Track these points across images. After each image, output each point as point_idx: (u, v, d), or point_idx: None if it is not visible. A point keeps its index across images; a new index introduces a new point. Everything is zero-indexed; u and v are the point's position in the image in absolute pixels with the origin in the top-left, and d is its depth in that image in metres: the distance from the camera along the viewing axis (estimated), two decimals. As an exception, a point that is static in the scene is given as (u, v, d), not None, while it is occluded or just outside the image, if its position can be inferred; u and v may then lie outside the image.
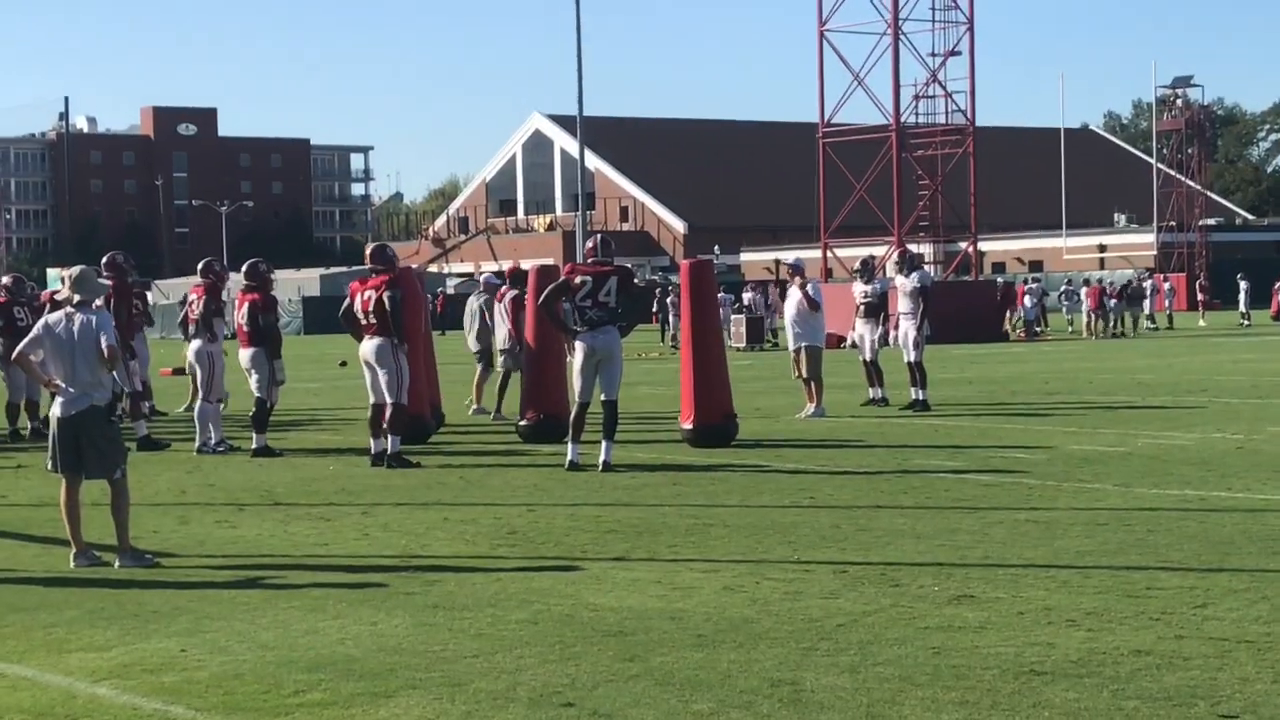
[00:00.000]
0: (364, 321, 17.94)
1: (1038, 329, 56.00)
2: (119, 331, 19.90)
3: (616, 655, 8.47)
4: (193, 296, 20.46)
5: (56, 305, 13.31)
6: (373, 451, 18.00)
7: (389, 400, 17.93)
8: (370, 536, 12.86)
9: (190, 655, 8.76)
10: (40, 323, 12.17)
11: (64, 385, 11.71)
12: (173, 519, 14.07)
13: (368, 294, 17.94)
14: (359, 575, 11.10)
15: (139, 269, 22.51)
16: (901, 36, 57.26)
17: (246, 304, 19.42)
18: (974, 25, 58.17)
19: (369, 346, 17.94)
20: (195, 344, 20.25)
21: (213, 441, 19.77)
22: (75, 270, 12.17)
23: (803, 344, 23.32)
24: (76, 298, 11.90)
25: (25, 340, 12.20)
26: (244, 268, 19.75)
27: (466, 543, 12.42)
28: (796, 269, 24.09)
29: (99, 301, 12.17)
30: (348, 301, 18.30)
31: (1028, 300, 56.37)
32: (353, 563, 11.65)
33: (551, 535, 12.66)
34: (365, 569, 11.35)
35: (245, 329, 19.40)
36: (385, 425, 18.11)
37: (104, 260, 20.87)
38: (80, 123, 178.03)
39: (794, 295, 23.63)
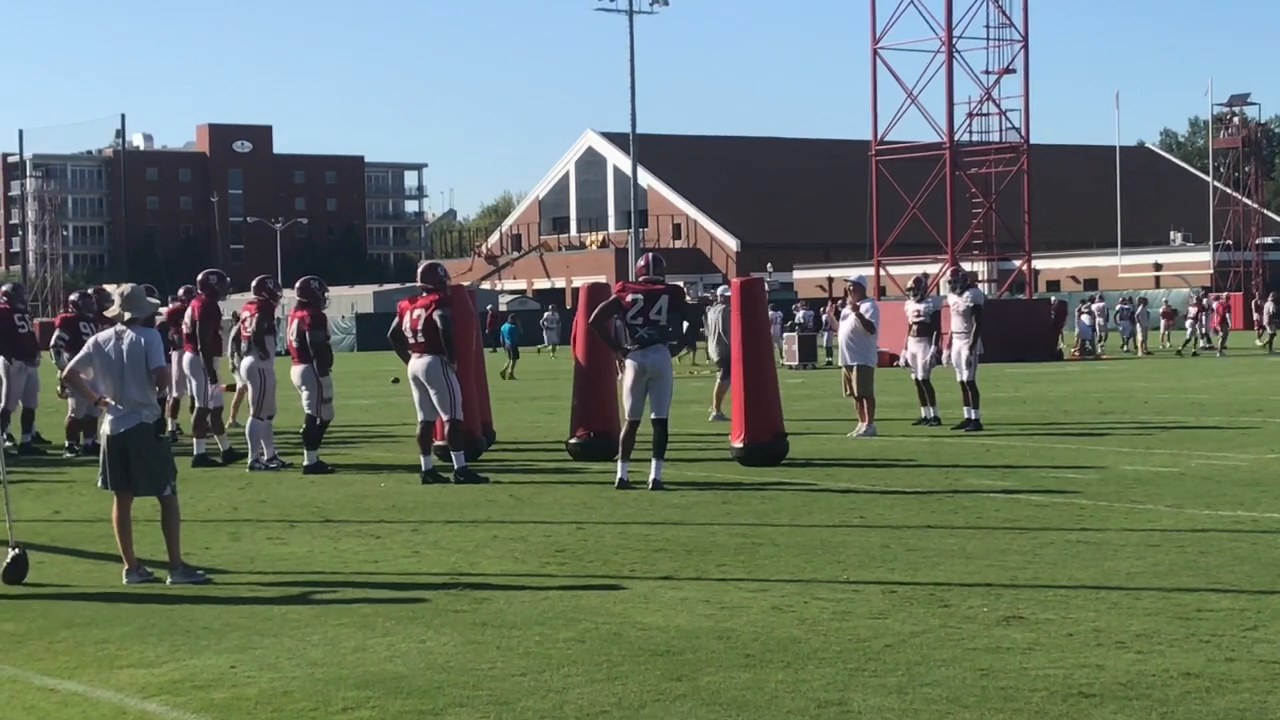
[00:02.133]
0: (413, 340, 17.99)
1: (1090, 348, 55.60)
2: (204, 352, 20.31)
3: (664, 674, 8.47)
4: (245, 314, 20.58)
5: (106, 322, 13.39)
6: (423, 469, 18.05)
7: (444, 417, 17.99)
8: (420, 554, 12.90)
9: (240, 672, 8.81)
10: (90, 340, 12.25)
11: (113, 403, 11.79)
12: (224, 535, 14.15)
13: (417, 313, 17.99)
14: (408, 592, 11.13)
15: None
16: (955, 54, 57.19)
17: (296, 321, 19.54)
18: (1029, 43, 58.14)
19: (419, 364, 17.98)
20: (247, 360, 20.36)
21: (265, 458, 19.89)
22: (126, 288, 12.23)
23: (855, 363, 23.27)
24: (127, 315, 11.97)
25: (75, 358, 12.29)
26: (297, 285, 19.89)
27: (515, 560, 12.44)
28: (859, 287, 23.97)
29: (188, 317, 12.19)
30: (396, 320, 18.36)
31: (1084, 318, 55.98)
32: (402, 580, 11.68)
33: (600, 553, 12.66)
34: (414, 586, 11.38)
35: (295, 346, 19.52)
36: (444, 441, 18.18)
37: (199, 278, 21.14)
38: (137, 140, 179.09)
39: (849, 314, 23.52)
